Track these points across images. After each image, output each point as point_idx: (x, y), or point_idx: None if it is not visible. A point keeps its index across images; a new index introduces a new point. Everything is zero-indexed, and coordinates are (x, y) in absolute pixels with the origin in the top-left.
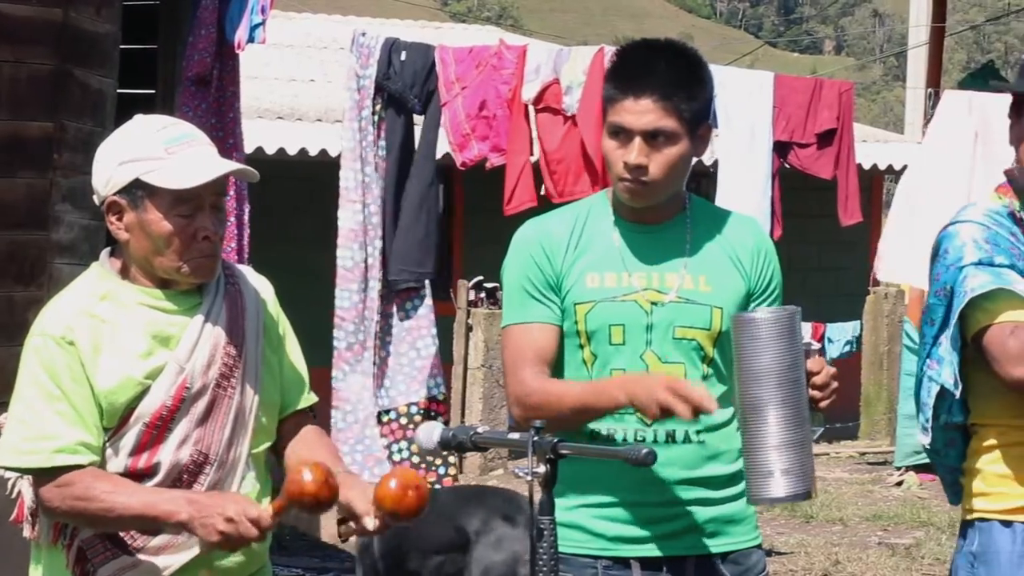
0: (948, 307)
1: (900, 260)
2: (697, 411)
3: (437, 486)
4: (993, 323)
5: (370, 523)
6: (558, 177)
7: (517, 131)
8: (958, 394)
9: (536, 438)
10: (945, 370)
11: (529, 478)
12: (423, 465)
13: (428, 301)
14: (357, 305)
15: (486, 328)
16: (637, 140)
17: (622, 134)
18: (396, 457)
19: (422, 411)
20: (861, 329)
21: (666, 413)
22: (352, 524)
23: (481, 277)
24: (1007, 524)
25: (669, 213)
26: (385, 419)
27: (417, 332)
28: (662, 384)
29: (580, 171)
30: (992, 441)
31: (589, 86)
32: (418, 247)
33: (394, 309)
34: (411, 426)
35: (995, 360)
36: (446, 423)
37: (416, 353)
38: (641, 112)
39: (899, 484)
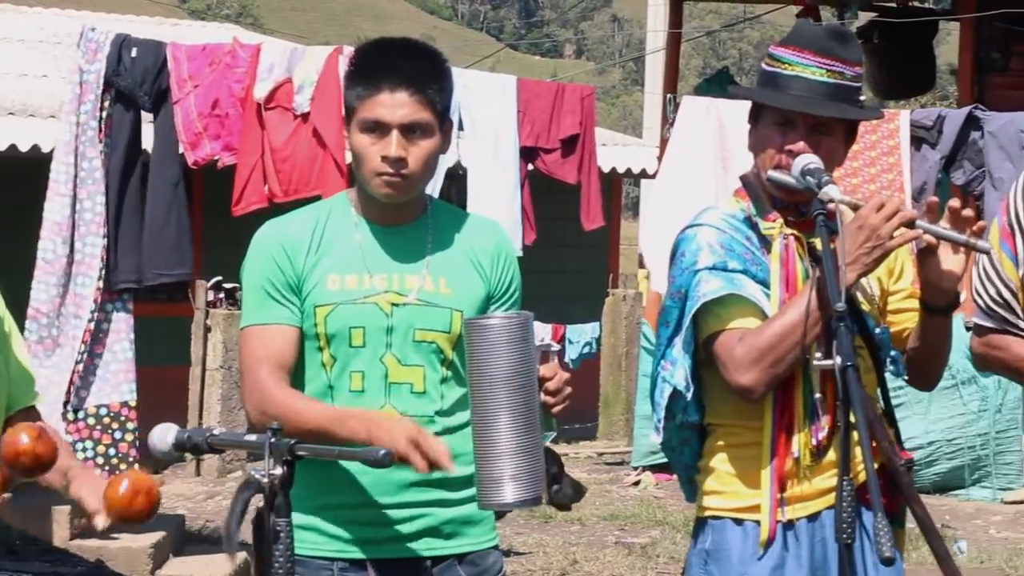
0: (682, 310)
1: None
2: (434, 467)
3: None
4: (724, 329)
5: (100, 522)
6: (284, 176)
7: (249, 130)
8: (689, 395)
9: (273, 440)
10: (678, 371)
11: (266, 480)
12: (106, 467)
13: (129, 306)
14: (54, 299)
15: (225, 329)
16: (395, 133)
17: (377, 129)
18: (80, 456)
19: (112, 414)
20: (600, 330)
21: (403, 461)
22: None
23: (220, 277)
24: (739, 522)
25: (411, 215)
26: (73, 417)
27: (115, 335)
28: (404, 435)
29: (307, 170)
30: (725, 441)
31: (323, 85)
32: (172, 249)
33: (97, 310)
34: (98, 427)
35: (723, 366)
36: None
37: (112, 356)
38: (397, 105)
39: (636, 484)
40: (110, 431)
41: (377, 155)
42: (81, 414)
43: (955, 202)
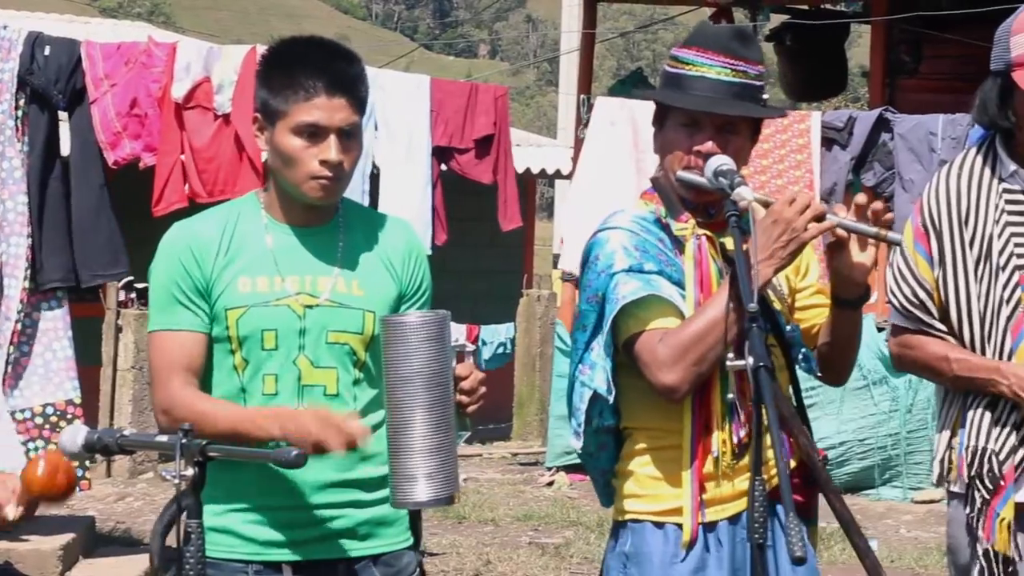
0: (600, 313)
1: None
2: (351, 444)
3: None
4: (644, 330)
5: (11, 512)
6: (207, 176)
7: (167, 130)
8: (611, 399)
9: (184, 441)
10: (598, 375)
11: (177, 481)
12: None
13: (64, 304)
14: None
15: (136, 329)
16: (333, 137)
17: (315, 133)
18: (32, 456)
19: (58, 412)
20: (515, 331)
21: (320, 448)
22: None
23: (132, 277)
24: (659, 525)
25: (323, 217)
26: (20, 418)
27: (53, 333)
28: (316, 419)
29: (230, 170)
30: (644, 444)
31: (242, 85)
32: (105, 249)
33: (31, 310)
34: (47, 426)
35: (646, 366)
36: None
37: (52, 355)
38: (336, 110)
39: (550, 484)
40: (58, 429)
41: (314, 159)
42: (28, 414)
43: (861, 197)
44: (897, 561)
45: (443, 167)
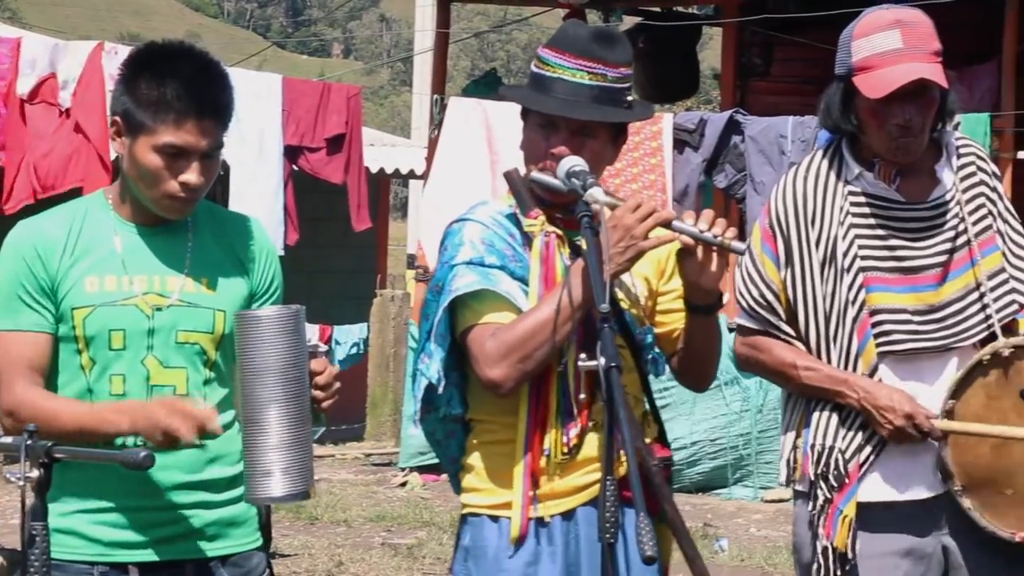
0: (439, 304)
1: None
2: (202, 431)
3: None
4: (477, 323)
5: None
6: (43, 171)
7: (13, 127)
8: (441, 389)
9: (29, 442)
10: (432, 364)
11: (21, 483)
12: None
13: None
14: None
15: None
16: (197, 162)
17: (178, 155)
18: None
19: None
20: (368, 331)
21: (170, 439)
22: None
23: None
24: (495, 519)
25: None
26: None
27: None
28: (164, 407)
29: (66, 165)
30: (483, 438)
31: (85, 80)
32: None
33: None
34: None
35: (475, 360)
36: None
37: None
38: (204, 134)
39: (403, 485)
40: None
41: (173, 179)
42: None
43: (709, 213)
44: (747, 560)
45: (294, 167)
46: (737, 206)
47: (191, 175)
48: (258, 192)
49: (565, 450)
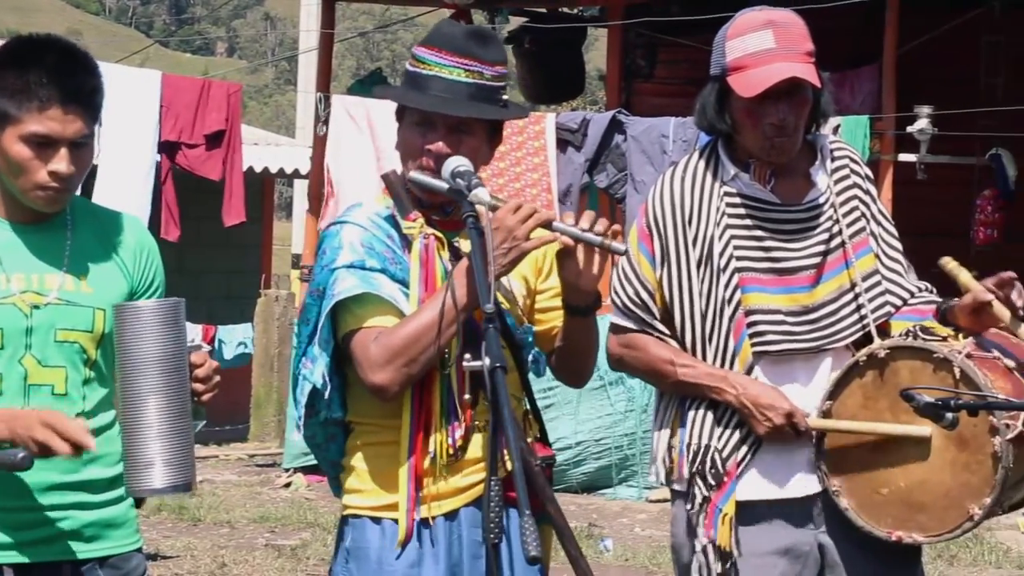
0: (320, 308)
1: None
2: (77, 447)
3: None
4: (360, 328)
5: None
6: None
7: None
8: (327, 393)
9: None
10: (317, 369)
11: None
12: None
13: None
14: None
15: None
16: (64, 150)
17: (45, 144)
18: None
19: None
20: (253, 332)
21: (45, 450)
22: None
23: None
24: (377, 521)
25: (50, 214)
26: None
27: None
28: (39, 420)
29: None
30: (365, 439)
31: None
32: None
33: None
34: None
35: (358, 364)
36: None
37: None
38: (70, 122)
39: (287, 486)
40: None
41: (42, 169)
42: None
43: (591, 213)
44: (632, 560)
45: (173, 164)
46: (619, 205)
47: (60, 164)
48: (124, 185)
49: (451, 451)
